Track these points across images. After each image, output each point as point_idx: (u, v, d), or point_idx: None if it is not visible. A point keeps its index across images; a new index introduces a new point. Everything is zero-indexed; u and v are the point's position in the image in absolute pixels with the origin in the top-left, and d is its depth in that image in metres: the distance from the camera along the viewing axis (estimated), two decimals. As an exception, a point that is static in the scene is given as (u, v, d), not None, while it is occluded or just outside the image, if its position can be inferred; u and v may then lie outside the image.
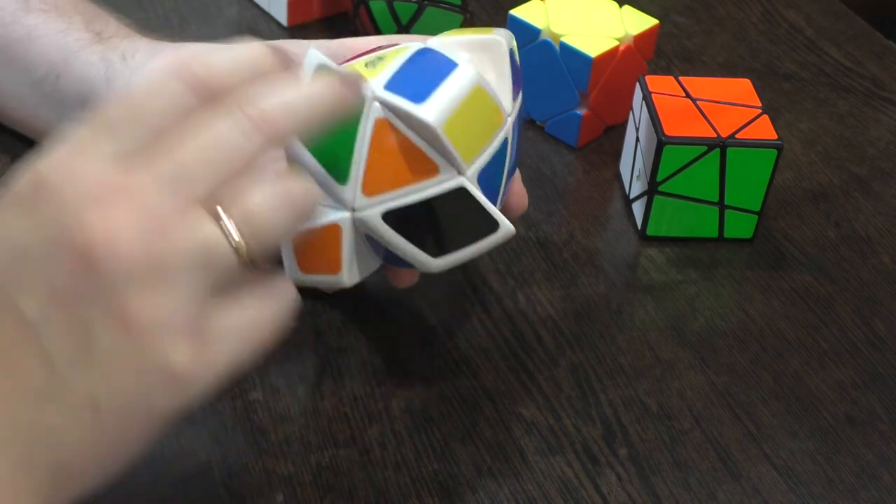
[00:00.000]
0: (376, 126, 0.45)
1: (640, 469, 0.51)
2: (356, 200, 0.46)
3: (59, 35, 0.58)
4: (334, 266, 0.47)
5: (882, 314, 0.60)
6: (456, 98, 0.44)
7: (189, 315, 0.37)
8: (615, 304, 0.59)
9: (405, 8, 0.71)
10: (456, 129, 0.44)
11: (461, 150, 0.45)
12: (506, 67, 0.48)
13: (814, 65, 0.80)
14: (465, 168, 0.45)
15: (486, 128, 0.46)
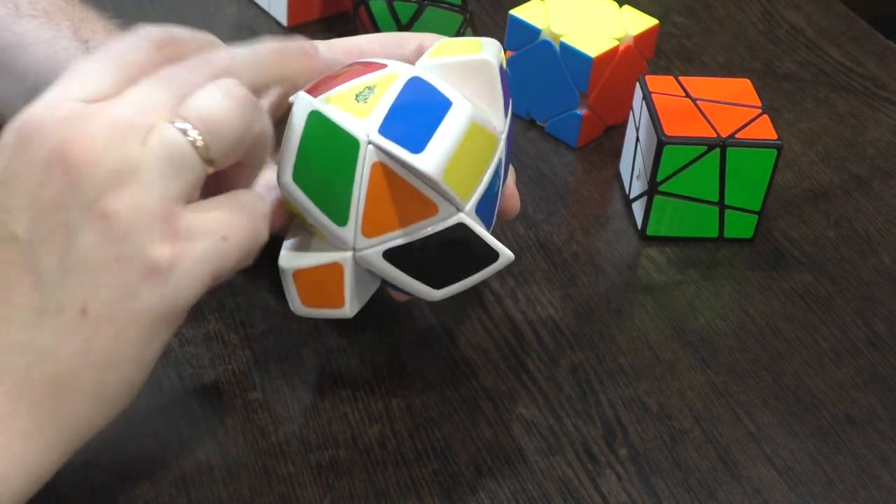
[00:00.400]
0: (373, 170, 0.45)
1: (640, 469, 0.51)
2: (357, 241, 0.46)
3: (48, 44, 0.58)
4: (338, 301, 0.48)
5: (882, 314, 0.60)
6: (454, 143, 0.44)
7: (163, 211, 0.40)
8: (615, 304, 0.59)
9: (405, 8, 0.71)
10: (454, 172, 0.44)
11: (460, 189, 0.45)
12: (496, 88, 0.48)
13: (814, 65, 0.80)
14: (464, 205, 0.45)
15: (482, 160, 0.46)
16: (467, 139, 0.45)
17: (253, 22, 0.78)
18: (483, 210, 0.47)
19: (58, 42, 0.58)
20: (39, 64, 0.58)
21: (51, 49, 0.58)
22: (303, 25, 0.78)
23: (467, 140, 0.45)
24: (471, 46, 0.48)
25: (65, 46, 0.58)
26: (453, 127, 0.44)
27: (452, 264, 0.47)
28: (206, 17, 0.78)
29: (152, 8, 0.78)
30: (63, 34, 0.58)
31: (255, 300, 0.56)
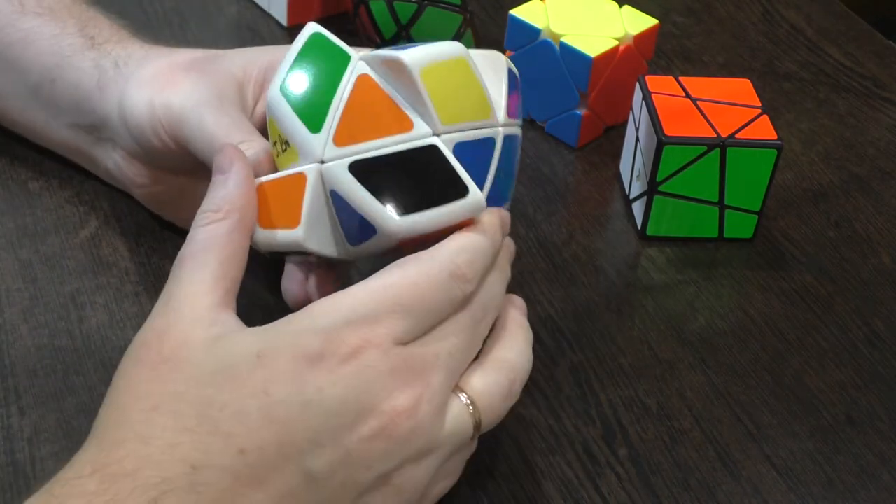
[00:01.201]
0: (357, 81, 0.46)
1: (640, 469, 0.51)
2: (326, 151, 0.45)
3: (53, 40, 0.58)
4: (293, 219, 0.46)
5: (882, 314, 0.60)
6: (439, 54, 0.45)
7: (429, 481, 0.43)
8: (615, 304, 0.59)
9: (405, 8, 0.71)
10: (434, 82, 0.45)
11: (438, 106, 0.45)
12: (502, 77, 0.49)
13: (814, 65, 0.80)
14: (440, 128, 0.45)
15: (468, 105, 0.46)
16: (454, 65, 0.45)
17: (253, 22, 0.78)
18: (466, 159, 0.46)
19: (63, 38, 0.58)
20: (44, 59, 0.58)
21: (56, 45, 0.58)
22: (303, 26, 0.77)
23: (454, 66, 0.45)
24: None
25: (70, 42, 0.58)
26: (443, 46, 0.46)
27: (418, 190, 0.45)
28: (206, 17, 0.78)
29: (152, 8, 0.78)
30: (68, 31, 0.58)
31: (256, 300, 0.55)
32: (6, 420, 0.50)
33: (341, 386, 0.40)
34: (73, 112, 0.58)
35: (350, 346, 0.41)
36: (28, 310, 0.55)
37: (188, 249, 0.44)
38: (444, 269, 0.43)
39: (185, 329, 0.41)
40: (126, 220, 0.60)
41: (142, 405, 0.40)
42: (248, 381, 0.40)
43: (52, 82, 0.58)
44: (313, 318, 0.41)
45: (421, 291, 0.42)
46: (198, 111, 0.51)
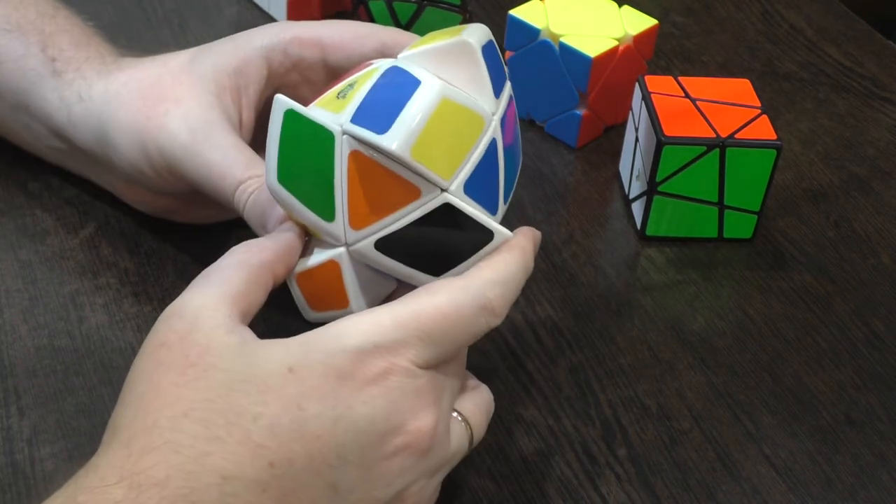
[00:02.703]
0: (350, 159, 0.44)
1: (640, 469, 0.51)
2: (347, 235, 0.46)
3: (20, 62, 0.57)
4: (342, 301, 0.47)
5: (881, 314, 0.60)
6: (421, 119, 0.44)
7: (433, 498, 0.45)
8: (614, 305, 0.59)
9: (404, 8, 0.71)
10: (427, 149, 0.44)
11: (437, 167, 0.44)
12: (480, 68, 0.47)
13: (814, 65, 0.80)
14: (446, 184, 0.45)
15: (464, 138, 0.45)
16: (439, 116, 0.44)
17: (253, 22, 0.78)
18: (478, 191, 0.46)
19: (27, 61, 0.57)
20: (14, 82, 0.57)
21: (22, 69, 0.57)
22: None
23: (439, 117, 0.44)
24: (453, 32, 0.48)
25: (33, 67, 0.57)
26: (420, 104, 0.44)
27: (447, 248, 0.46)
28: (205, 17, 0.78)
29: (152, 8, 0.78)
30: (31, 51, 0.57)
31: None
32: (6, 420, 0.50)
33: (371, 405, 0.41)
34: (55, 138, 0.58)
35: (378, 369, 0.41)
36: (28, 310, 0.55)
37: (217, 264, 0.45)
38: (476, 303, 0.44)
39: (207, 333, 0.41)
40: (126, 220, 0.60)
41: (171, 411, 0.40)
42: (281, 393, 0.40)
43: (25, 108, 0.57)
44: (341, 337, 0.42)
45: (450, 323, 0.43)
46: (187, 153, 0.51)
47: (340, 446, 0.40)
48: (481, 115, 0.46)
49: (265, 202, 0.49)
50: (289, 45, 0.54)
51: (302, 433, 0.40)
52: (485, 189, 0.46)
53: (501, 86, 0.48)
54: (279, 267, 0.46)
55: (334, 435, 0.40)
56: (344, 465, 0.41)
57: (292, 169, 0.46)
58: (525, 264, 0.46)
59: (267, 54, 0.54)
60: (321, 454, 0.40)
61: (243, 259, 0.45)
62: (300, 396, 0.40)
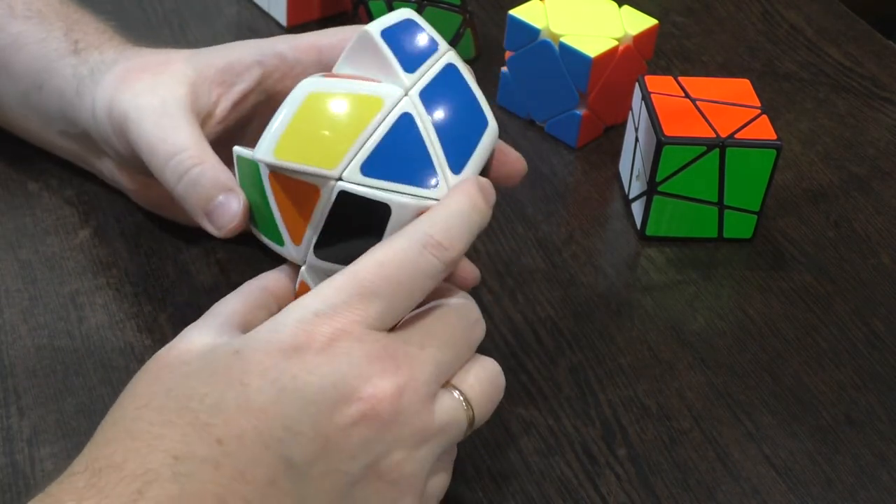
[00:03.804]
0: (271, 182, 0.46)
1: (640, 469, 0.51)
2: (298, 253, 0.47)
3: (41, 44, 0.58)
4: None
5: (881, 314, 0.60)
6: (282, 121, 0.45)
7: (426, 475, 0.43)
8: (614, 305, 0.59)
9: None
10: (295, 147, 0.44)
11: (315, 160, 0.44)
12: (381, 51, 0.47)
13: (814, 65, 0.80)
14: (335, 173, 0.45)
15: (348, 123, 0.45)
16: (305, 112, 0.45)
17: (252, 22, 0.78)
18: (388, 169, 0.45)
19: (49, 43, 0.58)
20: (31, 64, 0.58)
21: (42, 50, 0.58)
22: (302, 26, 0.78)
23: (306, 113, 0.45)
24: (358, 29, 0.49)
25: (55, 48, 0.58)
26: (284, 108, 0.45)
27: (363, 235, 0.45)
28: (205, 17, 0.78)
29: (152, 8, 0.78)
30: (54, 35, 0.58)
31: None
32: (6, 420, 0.50)
33: (317, 374, 0.41)
34: (60, 120, 0.58)
35: (324, 336, 0.41)
36: (27, 310, 0.55)
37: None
38: (415, 243, 0.43)
39: (190, 340, 0.43)
40: (126, 221, 0.60)
41: (135, 404, 0.41)
42: (225, 374, 0.41)
43: (39, 89, 0.58)
44: (285, 315, 0.42)
45: (387, 271, 0.42)
46: (139, 114, 0.52)
47: (287, 417, 0.40)
48: (377, 96, 0.46)
49: (210, 187, 0.49)
50: (285, 50, 0.55)
51: (247, 408, 0.40)
52: (404, 165, 0.46)
53: (422, 61, 0.48)
54: (280, 290, 0.47)
55: (279, 406, 0.40)
56: (294, 437, 0.40)
57: (253, 208, 0.48)
58: (468, 201, 0.45)
59: (261, 58, 0.55)
60: (268, 427, 0.40)
61: (245, 287, 0.47)
62: (243, 373, 0.41)
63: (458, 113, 0.48)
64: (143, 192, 0.58)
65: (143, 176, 0.57)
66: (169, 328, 0.54)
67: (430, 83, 0.47)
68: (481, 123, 0.48)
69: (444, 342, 0.44)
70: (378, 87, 0.46)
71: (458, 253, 0.44)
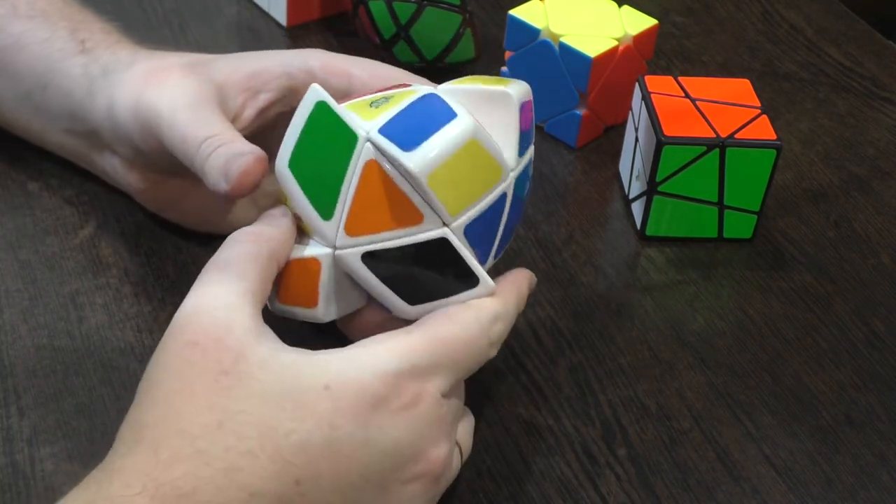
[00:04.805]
0: (366, 167, 0.45)
1: (640, 469, 0.51)
2: (338, 238, 0.46)
3: (45, 44, 0.58)
4: (311, 300, 0.47)
5: (881, 314, 0.60)
6: (447, 150, 0.44)
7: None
8: (614, 305, 0.59)
9: (404, 8, 0.71)
10: (443, 181, 0.44)
11: (448, 201, 0.44)
12: (513, 122, 0.48)
13: (814, 65, 0.80)
14: (450, 220, 0.45)
15: (479, 182, 0.46)
16: (464, 153, 0.44)
17: (253, 22, 0.78)
18: (476, 237, 0.46)
19: (53, 43, 0.58)
20: (35, 64, 0.58)
21: (46, 50, 0.58)
22: (302, 26, 0.78)
23: (464, 154, 0.44)
24: (496, 81, 0.49)
25: (60, 48, 0.58)
26: (450, 135, 0.44)
27: (430, 281, 0.46)
28: (206, 17, 0.78)
29: (152, 8, 0.78)
30: (59, 35, 0.58)
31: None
32: (6, 420, 0.50)
33: (399, 429, 0.42)
34: (66, 119, 0.58)
35: (411, 394, 0.42)
36: (27, 310, 0.55)
37: (229, 255, 0.44)
38: (485, 335, 0.45)
39: (239, 338, 0.41)
40: (126, 221, 0.60)
41: (204, 419, 0.39)
42: (315, 410, 0.40)
43: (43, 88, 0.58)
44: (379, 357, 0.42)
45: (469, 352, 0.45)
46: (172, 109, 0.52)
47: (365, 467, 0.41)
48: (502, 166, 0.46)
49: (229, 155, 0.49)
50: (317, 69, 0.54)
51: (331, 452, 0.40)
52: (483, 237, 0.47)
53: (527, 146, 0.49)
54: (281, 256, 0.46)
55: (362, 455, 0.41)
56: (365, 486, 0.41)
57: (306, 159, 0.46)
58: (519, 303, 0.48)
59: (291, 70, 0.54)
60: (347, 474, 0.40)
61: (253, 252, 0.45)
62: (334, 414, 0.40)
63: (521, 208, 0.50)
64: (149, 192, 0.58)
65: (152, 174, 0.57)
66: (169, 328, 0.54)
67: (522, 171, 0.49)
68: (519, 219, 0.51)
69: (461, 401, 0.47)
70: (503, 158, 0.46)
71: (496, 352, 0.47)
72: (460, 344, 0.44)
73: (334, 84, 0.53)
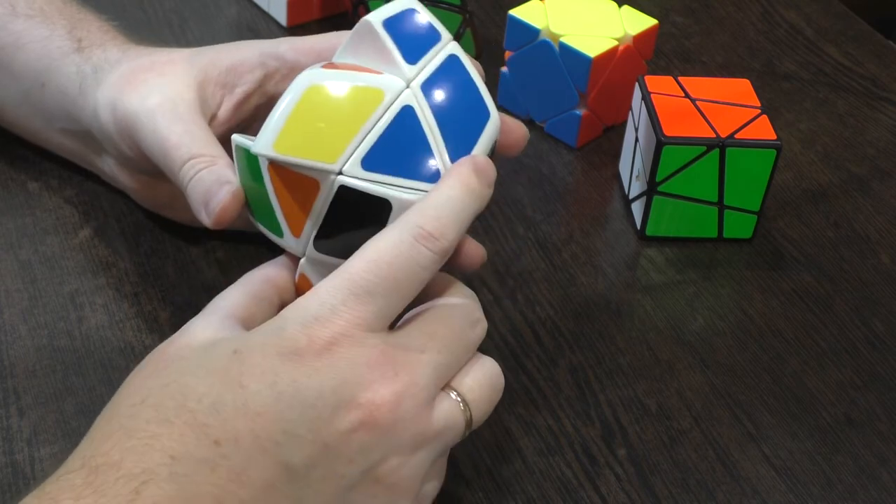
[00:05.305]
0: (269, 173, 0.46)
1: (640, 469, 0.51)
2: (297, 245, 0.47)
3: (43, 43, 0.58)
4: None
5: (881, 314, 0.60)
6: (282, 114, 0.44)
7: (422, 478, 0.43)
8: (614, 305, 0.59)
9: (404, 8, 0.71)
10: (295, 141, 0.44)
11: (315, 154, 0.44)
12: (381, 41, 0.46)
13: (813, 65, 0.80)
14: (335, 167, 0.44)
15: (350, 116, 0.45)
16: (306, 105, 0.44)
17: (252, 22, 0.78)
18: (390, 162, 0.45)
19: (52, 41, 0.58)
20: (33, 63, 0.58)
21: (45, 49, 0.58)
22: (302, 26, 0.78)
23: (306, 105, 0.44)
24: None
25: (58, 46, 0.58)
26: (284, 100, 0.45)
27: (363, 230, 0.45)
28: (205, 17, 0.78)
29: (152, 8, 0.78)
30: (57, 33, 0.58)
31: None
32: (5, 420, 0.50)
33: (316, 378, 0.40)
34: (63, 118, 0.58)
35: (323, 340, 0.41)
36: (27, 310, 0.55)
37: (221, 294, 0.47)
38: (405, 236, 0.43)
39: (190, 335, 0.43)
40: (125, 221, 0.60)
41: (131, 400, 0.41)
42: (223, 374, 0.41)
43: (41, 87, 0.58)
44: (284, 318, 0.42)
45: (380, 268, 0.42)
46: (150, 116, 0.52)
47: (285, 422, 0.40)
48: (377, 87, 0.45)
49: (211, 182, 0.49)
50: (286, 52, 0.55)
51: (244, 410, 0.40)
52: (405, 158, 0.45)
53: (423, 52, 0.47)
54: (280, 280, 0.47)
55: (277, 410, 0.40)
56: (293, 442, 0.40)
57: (252, 199, 0.48)
58: (461, 186, 0.44)
59: (264, 59, 0.55)
60: (265, 431, 0.40)
61: (245, 279, 0.47)
62: (241, 375, 0.40)
63: (461, 105, 0.47)
64: (144, 191, 0.58)
65: (143, 175, 0.57)
66: (169, 328, 0.54)
67: (431, 75, 0.47)
68: (483, 115, 0.47)
69: (444, 345, 0.43)
70: (379, 79, 0.46)
71: (452, 242, 0.43)
72: (371, 264, 0.42)
73: (305, 63, 0.54)
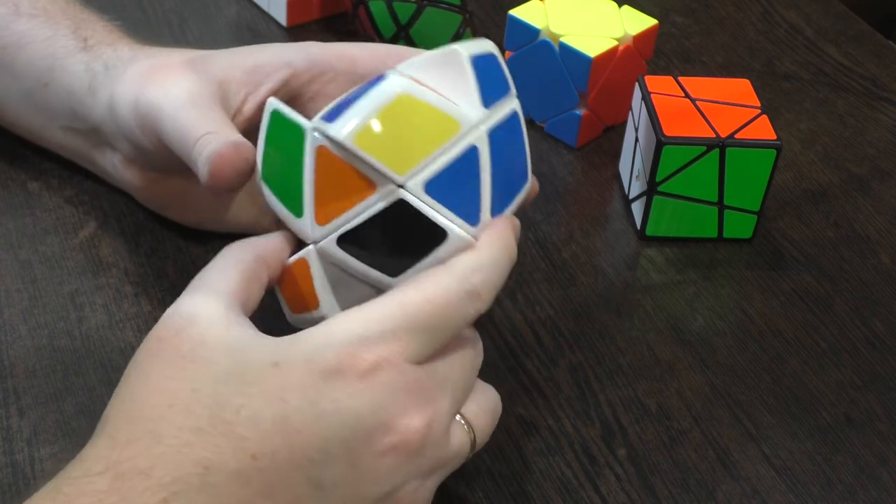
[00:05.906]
0: (317, 155, 0.45)
1: (640, 469, 0.51)
2: (314, 232, 0.46)
3: (47, 42, 0.58)
4: (313, 302, 0.47)
5: (881, 314, 0.60)
6: (371, 109, 0.44)
7: (430, 500, 0.44)
8: (614, 305, 0.59)
9: (404, 8, 0.71)
10: (377, 141, 0.44)
11: (390, 160, 0.44)
12: (465, 75, 0.47)
13: (813, 65, 0.80)
14: (401, 179, 0.44)
15: (428, 137, 0.45)
16: (395, 109, 0.44)
17: (252, 22, 0.78)
18: (446, 195, 0.45)
19: (56, 41, 0.58)
20: (37, 62, 0.58)
21: (49, 48, 0.58)
22: (302, 26, 0.78)
23: (395, 111, 0.44)
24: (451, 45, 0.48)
25: (63, 45, 0.58)
26: (373, 97, 0.44)
27: (403, 248, 0.45)
28: (205, 17, 0.78)
29: (152, 8, 0.78)
30: (61, 33, 0.58)
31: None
32: (5, 421, 0.50)
33: (357, 400, 0.41)
34: (67, 116, 0.58)
35: (366, 363, 0.41)
36: (27, 310, 0.55)
37: (212, 265, 0.45)
38: (461, 288, 0.43)
39: (203, 327, 0.42)
40: (126, 221, 0.60)
41: (157, 401, 0.40)
42: (264, 387, 0.40)
43: (45, 86, 0.58)
44: (329, 334, 0.42)
45: (437, 311, 0.43)
46: (173, 106, 0.52)
47: (323, 440, 0.40)
48: (456, 119, 0.45)
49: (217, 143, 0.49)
50: (317, 53, 0.54)
51: (284, 426, 0.40)
52: (457, 194, 0.45)
53: (496, 99, 0.48)
54: (272, 260, 0.46)
55: (317, 429, 0.40)
56: (327, 461, 0.40)
57: (273, 167, 0.47)
58: (507, 250, 0.45)
59: (292, 59, 0.54)
60: (302, 448, 0.40)
61: (238, 256, 0.46)
62: (283, 390, 0.40)
63: (511, 162, 0.48)
64: (148, 189, 0.58)
65: (151, 171, 0.57)
66: (169, 328, 0.54)
67: (498, 124, 0.47)
68: (524, 178, 0.49)
69: (460, 375, 0.44)
70: (458, 110, 0.46)
71: (489, 305, 0.44)
72: (427, 304, 0.42)
73: (337, 66, 0.54)
